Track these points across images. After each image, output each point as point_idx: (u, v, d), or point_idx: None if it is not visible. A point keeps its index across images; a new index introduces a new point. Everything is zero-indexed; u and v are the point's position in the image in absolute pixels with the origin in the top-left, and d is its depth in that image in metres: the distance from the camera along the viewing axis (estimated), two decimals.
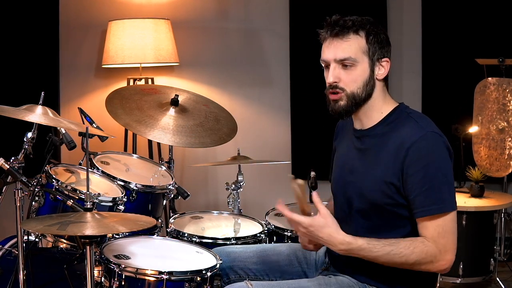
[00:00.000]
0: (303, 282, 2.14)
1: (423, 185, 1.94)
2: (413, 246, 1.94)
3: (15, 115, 2.26)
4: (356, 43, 2.02)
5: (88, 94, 4.37)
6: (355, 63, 2.02)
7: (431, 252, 1.93)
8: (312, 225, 1.96)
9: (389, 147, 2.02)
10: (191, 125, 3.01)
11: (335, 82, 2.03)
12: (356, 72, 2.02)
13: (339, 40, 2.02)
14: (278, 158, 4.23)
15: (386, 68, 2.07)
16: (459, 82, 4.23)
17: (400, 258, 1.93)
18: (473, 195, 3.83)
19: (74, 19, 4.32)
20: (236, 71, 4.44)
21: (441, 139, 1.99)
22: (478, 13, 4.18)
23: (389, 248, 1.93)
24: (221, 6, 4.41)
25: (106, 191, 2.66)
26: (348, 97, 2.04)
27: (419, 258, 1.93)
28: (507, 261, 3.95)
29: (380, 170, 2.02)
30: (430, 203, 1.93)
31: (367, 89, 2.05)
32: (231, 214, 3.11)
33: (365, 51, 2.02)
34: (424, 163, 1.94)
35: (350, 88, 2.03)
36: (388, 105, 2.10)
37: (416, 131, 1.98)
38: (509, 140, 3.88)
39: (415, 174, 1.95)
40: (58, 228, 1.96)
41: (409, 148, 1.96)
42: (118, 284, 2.16)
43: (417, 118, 2.04)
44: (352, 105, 2.05)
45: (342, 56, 2.02)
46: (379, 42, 2.04)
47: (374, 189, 2.02)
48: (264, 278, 2.33)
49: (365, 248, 1.94)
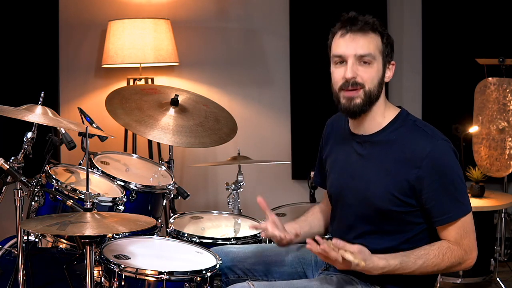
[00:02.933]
0: (304, 282, 2.14)
1: (441, 193, 1.97)
2: (442, 253, 1.97)
3: (15, 115, 2.25)
4: (375, 41, 2.02)
5: (88, 94, 4.37)
6: (373, 60, 2.01)
7: (459, 255, 1.98)
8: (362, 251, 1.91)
9: (397, 155, 2.01)
10: (191, 125, 3.01)
11: (354, 77, 2.01)
12: (373, 70, 2.02)
13: (361, 36, 2.01)
14: (278, 158, 4.23)
15: (392, 72, 2.09)
16: (460, 82, 4.23)
17: (433, 268, 1.98)
18: (473, 195, 3.83)
19: (74, 19, 4.31)
20: (236, 71, 4.44)
21: (449, 145, 2.01)
22: (478, 13, 4.18)
23: (421, 262, 1.97)
24: (221, 6, 4.40)
25: (106, 191, 2.66)
26: (366, 94, 2.02)
27: (449, 263, 1.98)
28: (508, 261, 3.94)
29: (389, 178, 2.02)
30: (450, 209, 1.97)
31: (379, 89, 2.05)
32: (231, 214, 3.11)
33: (381, 51, 2.03)
34: (440, 173, 1.96)
35: (368, 85, 2.02)
36: (390, 109, 2.11)
37: (427, 141, 1.99)
38: (509, 140, 3.88)
39: (432, 184, 1.96)
40: (57, 228, 1.96)
41: (423, 159, 1.96)
42: (118, 284, 2.16)
43: (423, 127, 2.05)
44: (367, 103, 2.03)
45: (363, 52, 2.00)
46: (390, 44, 2.07)
47: (381, 196, 2.02)
48: (263, 278, 2.32)
49: (398, 268, 1.96)
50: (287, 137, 4.46)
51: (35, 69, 4.10)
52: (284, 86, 4.42)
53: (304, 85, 4.37)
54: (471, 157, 3.97)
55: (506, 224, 3.88)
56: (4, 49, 4.03)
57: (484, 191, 3.84)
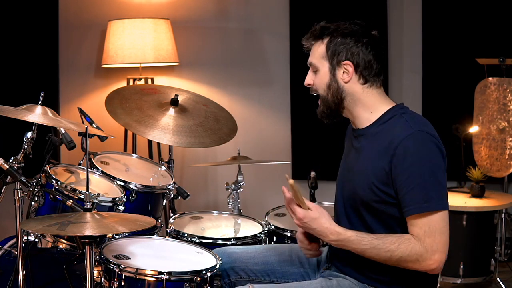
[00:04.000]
0: (305, 285, 2.15)
1: (410, 183, 1.95)
2: (399, 242, 1.96)
3: (14, 115, 2.25)
4: (317, 49, 2.17)
5: (87, 94, 4.37)
6: (317, 67, 2.16)
7: (416, 250, 1.94)
8: (306, 216, 2.02)
9: (379, 146, 2.04)
10: (191, 125, 3.01)
11: (309, 84, 2.20)
12: (319, 76, 2.16)
13: (310, 46, 2.22)
14: (278, 158, 4.22)
15: (351, 71, 2.10)
16: (460, 82, 4.23)
17: (386, 253, 1.96)
18: (473, 195, 3.83)
19: (74, 19, 4.31)
20: (236, 71, 4.44)
21: (431, 139, 1.99)
22: (479, 13, 4.18)
23: (376, 242, 1.97)
24: (221, 6, 4.40)
25: (105, 191, 2.66)
26: (322, 100, 2.16)
27: (404, 255, 1.95)
28: (508, 261, 3.94)
29: (370, 169, 2.04)
30: (416, 201, 1.94)
31: (334, 94, 2.13)
32: (231, 214, 3.11)
33: (324, 56, 2.14)
34: (411, 161, 1.95)
35: (320, 91, 2.17)
36: (382, 105, 2.12)
37: (404, 130, 2.00)
38: (509, 140, 3.88)
39: (403, 173, 1.96)
40: (57, 228, 1.96)
41: (397, 147, 1.97)
42: (118, 284, 2.16)
43: (408, 117, 2.05)
44: (327, 108, 2.15)
45: (309, 61, 2.20)
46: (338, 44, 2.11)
47: (364, 187, 2.05)
48: (265, 279, 2.32)
49: (353, 240, 2.00)
50: (287, 137, 4.45)
51: (35, 69, 4.10)
52: (284, 86, 4.42)
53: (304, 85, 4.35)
54: (471, 157, 3.97)
55: (507, 224, 3.88)
56: (4, 49, 4.03)
57: (485, 191, 3.84)
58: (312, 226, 2.02)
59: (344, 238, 2.00)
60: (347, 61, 2.09)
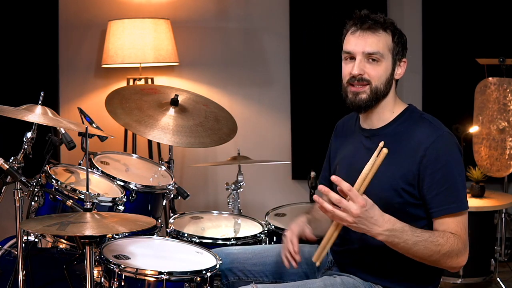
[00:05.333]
0: (308, 283, 2.14)
1: (443, 184, 1.97)
2: (447, 236, 1.95)
3: (14, 115, 2.25)
4: (384, 40, 2.06)
5: (87, 94, 4.37)
6: (381, 58, 2.06)
7: (460, 245, 1.96)
8: (367, 203, 1.85)
9: (403, 147, 2.03)
10: (191, 125, 3.00)
11: (360, 74, 2.06)
12: (380, 68, 2.07)
13: (370, 34, 2.06)
14: (278, 158, 4.22)
15: (403, 69, 2.13)
16: (460, 82, 4.23)
17: (436, 246, 1.92)
18: (473, 195, 3.83)
19: (74, 19, 4.31)
20: (236, 71, 4.44)
21: (455, 140, 2.04)
22: (479, 13, 4.18)
23: (427, 235, 1.93)
24: (221, 6, 4.40)
25: (105, 191, 2.66)
26: (372, 91, 2.07)
27: (451, 249, 1.94)
28: (508, 261, 3.94)
29: (394, 170, 2.03)
30: (451, 201, 1.97)
31: (387, 86, 2.09)
32: (231, 214, 3.11)
33: (390, 49, 2.07)
34: (443, 162, 1.97)
35: (375, 82, 2.07)
36: (399, 105, 2.14)
37: (433, 132, 2.01)
38: (509, 140, 3.88)
39: (434, 174, 1.97)
40: (57, 228, 1.96)
41: (427, 148, 1.98)
42: (118, 284, 2.16)
43: (430, 119, 2.08)
44: (372, 99, 2.08)
45: (371, 50, 2.05)
46: (402, 43, 2.10)
47: (386, 188, 2.03)
48: (264, 280, 2.32)
49: (407, 230, 1.90)
50: (287, 137, 4.45)
51: (35, 69, 4.10)
52: (284, 86, 4.42)
53: (304, 85, 4.36)
54: (471, 157, 3.97)
55: (507, 224, 3.88)
56: (4, 49, 4.03)
57: (485, 191, 3.84)
58: (370, 215, 1.85)
59: (399, 228, 1.89)
60: (405, 58, 2.12)
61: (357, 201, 1.84)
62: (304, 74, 4.35)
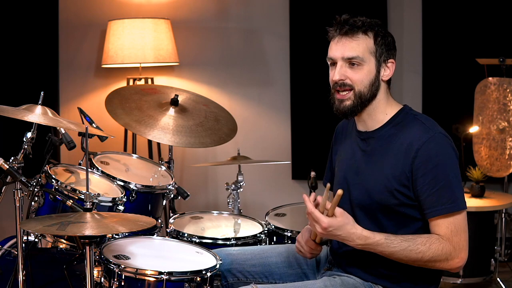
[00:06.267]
0: (308, 284, 2.14)
1: (435, 185, 1.96)
2: (429, 242, 1.95)
3: (14, 115, 2.25)
4: (364, 43, 2.04)
5: (87, 94, 4.37)
6: (362, 62, 2.04)
7: (446, 250, 1.95)
8: (332, 225, 1.95)
9: (396, 148, 2.03)
10: (191, 125, 3.01)
11: (341, 79, 2.06)
12: (362, 71, 2.05)
13: (348, 39, 2.05)
14: (278, 158, 4.22)
15: (391, 70, 2.10)
16: (460, 82, 4.23)
17: (417, 254, 1.94)
18: (473, 195, 3.83)
19: (74, 19, 4.31)
20: (236, 71, 4.44)
21: (448, 140, 2.02)
22: (479, 13, 4.18)
23: (406, 244, 1.95)
24: (221, 6, 4.40)
25: (105, 191, 2.66)
26: (355, 96, 2.06)
27: (435, 254, 1.95)
28: (508, 261, 3.94)
29: (388, 171, 2.03)
30: (443, 202, 1.96)
31: (372, 89, 2.07)
32: (231, 214, 3.10)
33: (372, 52, 2.05)
34: (435, 163, 1.97)
35: (358, 86, 2.06)
36: (392, 106, 2.13)
37: (424, 133, 2.01)
38: (509, 140, 3.88)
39: (426, 175, 1.97)
40: (57, 228, 1.96)
41: (419, 149, 1.98)
42: (118, 284, 2.16)
43: (423, 119, 2.07)
44: (358, 104, 2.07)
45: (350, 55, 2.04)
46: (386, 44, 2.08)
47: (381, 190, 2.03)
48: (263, 281, 2.31)
49: (382, 243, 1.95)
50: (287, 137, 4.45)
51: (34, 69, 4.10)
52: (284, 86, 4.42)
53: (304, 85, 4.36)
54: (471, 157, 3.97)
55: (507, 224, 3.88)
56: (4, 49, 4.03)
57: (485, 191, 3.84)
58: (336, 233, 1.96)
59: (373, 242, 1.96)
60: (392, 59, 2.10)
61: (320, 223, 1.96)
62: (304, 74, 4.35)
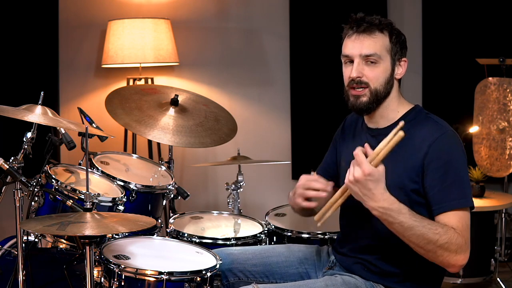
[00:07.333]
0: (309, 283, 2.14)
1: (445, 180, 1.97)
2: (447, 228, 1.94)
3: (14, 115, 2.25)
4: (381, 41, 2.07)
5: (87, 94, 4.36)
6: (379, 60, 2.07)
7: (459, 241, 1.94)
8: (372, 174, 1.87)
9: (408, 145, 2.03)
10: (191, 125, 3.01)
11: (358, 77, 2.07)
12: (379, 69, 2.08)
13: (366, 36, 2.07)
14: (278, 158, 4.22)
15: (404, 68, 2.14)
16: (460, 82, 4.23)
17: (434, 234, 1.90)
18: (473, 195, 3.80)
19: (74, 19, 4.31)
20: (236, 71, 4.44)
21: (459, 139, 2.06)
22: (479, 13, 4.18)
23: (427, 222, 1.92)
24: (221, 6, 4.40)
25: (105, 191, 2.66)
26: (371, 93, 2.08)
27: (449, 241, 1.92)
28: (508, 261, 3.94)
29: (399, 168, 2.03)
30: (453, 198, 1.97)
31: (387, 87, 2.10)
32: (231, 214, 3.10)
33: (388, 50, 2.08)
34: (446, 159, 1.98)
35: (373, 84, 2.08)
36: (404, 105, 2.16)
37: (437, 130, 2.04)
38: (509, 140, 3.88)
39: (437, 170, 1.98)
40: (57, 228, 1.96)
41: (431, 145, 2.00)
42: (118, 284, 2.16)
43: (436, 118, 2.11)
44: (373, 101, 2.09)
45: (368, 52, 2.06)
46: (400, 42, 2.11)
47: (393, 187, 2.01)
48: (264, 280, 2.31)
49: (405, 213, 1.90)
50: (287, 137, 4.45)
51: (34, 69, 4.10)
52: (284, 86, 4.42)
53: (304, 85, 4.36)
54: (471, 157, 3.97)
55: (507, 224, 3.88)
56: (4, 49, 4.03)
57: (485, 191, 3.85)
58: (369, 186, 1.88)
59: (397, 208, 1.89)
60: (404, 57, 2.13)
61: (362, 167, 1.87)
62: (304, 74, 4.35)
